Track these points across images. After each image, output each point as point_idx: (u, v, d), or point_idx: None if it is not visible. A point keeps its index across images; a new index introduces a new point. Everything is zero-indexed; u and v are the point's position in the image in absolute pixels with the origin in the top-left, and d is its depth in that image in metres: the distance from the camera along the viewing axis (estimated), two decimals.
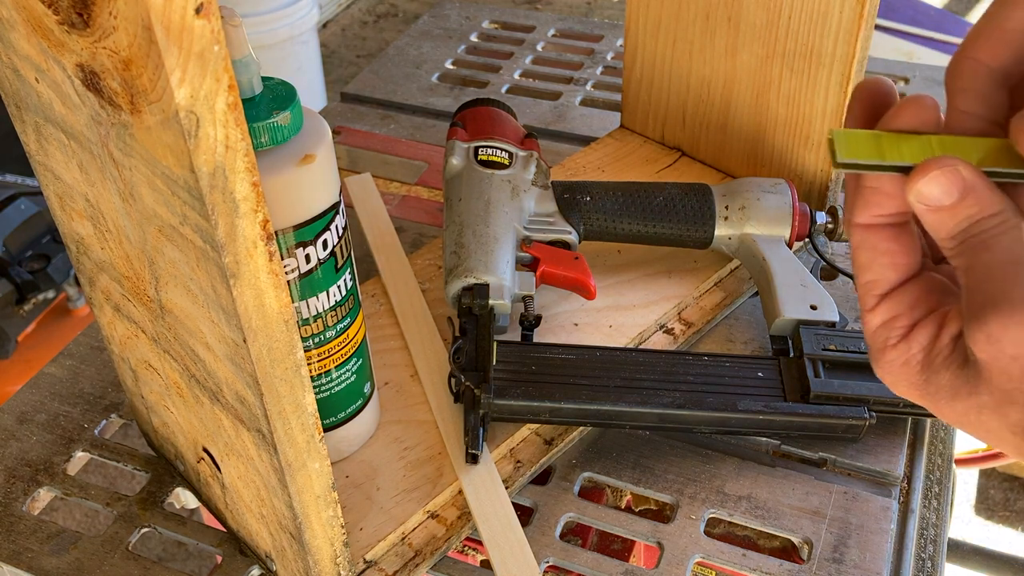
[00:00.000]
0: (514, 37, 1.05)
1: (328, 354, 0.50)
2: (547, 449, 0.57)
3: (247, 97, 0.42)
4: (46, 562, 0.52)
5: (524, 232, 0.63)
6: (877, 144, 0.34)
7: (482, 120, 0.68)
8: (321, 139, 0.44)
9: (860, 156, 0.34)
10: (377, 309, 0.65)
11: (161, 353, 0.45)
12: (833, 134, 0.34)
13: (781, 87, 0.68)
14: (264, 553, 0.51)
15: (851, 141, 0.34)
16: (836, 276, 0.70)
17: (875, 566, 0.52)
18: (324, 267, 0.46)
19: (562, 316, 0.64)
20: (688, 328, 0.65)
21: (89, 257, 0.46)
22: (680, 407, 0.55)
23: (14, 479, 0.57)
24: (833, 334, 0.58)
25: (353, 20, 2.81)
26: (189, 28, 0.28)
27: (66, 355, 0.66)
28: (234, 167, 0.32)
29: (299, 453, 0.40)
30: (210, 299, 0.36)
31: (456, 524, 0.53)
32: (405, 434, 0.57)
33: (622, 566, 0.52)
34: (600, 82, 0.96)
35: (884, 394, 0.55)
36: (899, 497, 0.56)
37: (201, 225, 0.33)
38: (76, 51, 0.32)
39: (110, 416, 0.61)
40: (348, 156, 0.86)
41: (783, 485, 0.56)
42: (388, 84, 0.96)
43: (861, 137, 0.34)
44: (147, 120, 0.31)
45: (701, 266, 0.68)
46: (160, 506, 0.55)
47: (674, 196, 0.65)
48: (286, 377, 0.38)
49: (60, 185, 0.44)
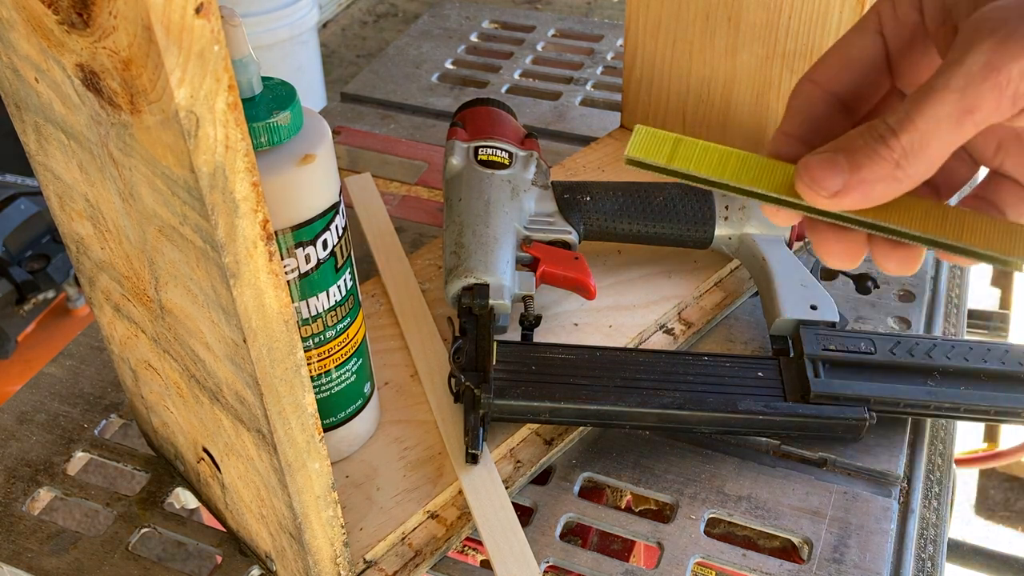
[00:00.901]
0: (514, 37, 1.05)
1: (328, 354, 0.50)
2: (547, 449, 0.57)
3: (247, 97, 0.42)
4: (46, 562, 0.52)
5: (524, 232, 0.63)
6: (673, 148, 0.34)
7: (482, 120, 0.68)
8: (321, 139, 0.44)
9: (649, 156, 0.34)
10: (377, 309, 0.65)
11: (161, 353, 0.45)
12: (636, 129, 0.35)
13: (781, 87, 0.68)
14: (264, 553, 0.51)
15: (648, 140, 0.35)
16: (836, 276, 0.70)
17: (875, 566, 0.52)
18: (324, 267, 0.46)
19: (562, 316, 0.64)
20: (688, 328, 0.65)
21: (89, 257, 0.46)
22: (680, 407, 0.55)
23: (14, 479, 0.57)
24: (833, 334, 0.58)
25: (353, 20, 2.81)
26: (189, 28, 0.28)
27: (66, 355, 0.66)
28: (234, 167, 0.32)
29: (299, 453, 0.40)
30: (210, 299, 0.36)
31: (456, 524, 0.53)
32: (405, 434, 0.57)
33: (622, 566, 0.52)
34: (600, 82, 0.96)
35: (884, 394, 0.55)
36: (899, 497, 0.56)
37: (201, 225, 0.33)
38: (76, 51, 0.32)
39: (110, 416, 0.61)
40: (348, 156, 0.86)
41: (783, 485, 0.56)
42: (388, 84, 0.96)
43: (660, 138, 0.34)
44: (147, 120, 0.31)
45: (701, 266, 0.68)
46: (160, 506, 0.55)
47: (674, 196, 0.65)
48: (286, 377, 0.38)
49: (60, 185, 0.44)
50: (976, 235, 0.32)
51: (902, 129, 0.28)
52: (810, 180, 0.30)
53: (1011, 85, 0.27)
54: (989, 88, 0.27)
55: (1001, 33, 0.27)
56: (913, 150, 0.28)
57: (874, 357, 0.57)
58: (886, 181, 0.29)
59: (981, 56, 0.27)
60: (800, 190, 0.31)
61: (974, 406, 0.56)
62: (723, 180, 0.34)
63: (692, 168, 0.34)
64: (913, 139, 0.28)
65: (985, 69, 0.27)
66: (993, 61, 0.27)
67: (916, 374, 0.57)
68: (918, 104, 0.28)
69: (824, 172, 0.30)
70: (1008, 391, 0.56)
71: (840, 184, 0.29)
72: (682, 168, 0.34)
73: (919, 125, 0.28)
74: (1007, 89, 0.27)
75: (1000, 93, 0.27)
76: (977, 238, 0.31)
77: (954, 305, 0.71)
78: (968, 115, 0.27)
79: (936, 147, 0.28)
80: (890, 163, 0.28)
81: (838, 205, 0.30)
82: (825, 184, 0.30)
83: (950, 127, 0.28)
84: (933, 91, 0.28)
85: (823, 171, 0.30)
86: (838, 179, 0.29)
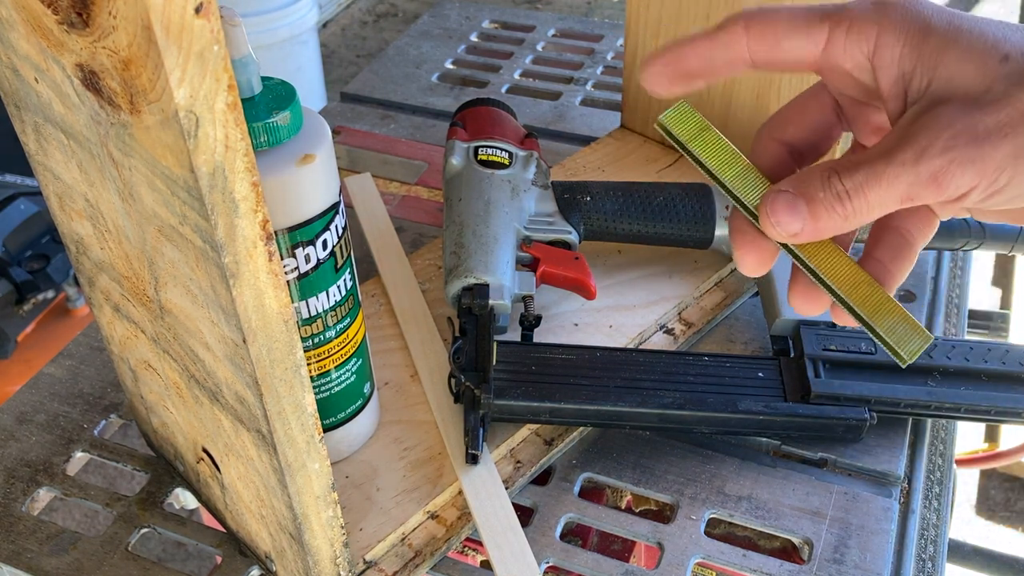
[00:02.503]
0: (514, 37, 1.05)
1: (328, 354, 0.50)
2: (547, 449, 0.57)
3: (247, 97, 0.42)
4: (46, 562, 0.52)
5: (524, 232, 0.63)
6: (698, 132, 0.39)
7: (482, 120, 0.68)
8: (321, 139, 0.44)
9: (675, 128, 0.39)
10: (377, 309, 0.65)
11: (161, 353, 0.45)
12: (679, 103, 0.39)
13: (781, 87, 0.68)
14: (264, 553, 0.50)
15: (683, 116, 0.39)
16: None
17: (876, 567, 0.52)
18: (324, 267, 0.46)
19: (562, 316, 0.64)
20: (688, 328, 0.65)
21: (89, 257, 0.46)
22: (680, 407, 0.55)
23: (14, 479, 0.57)
24: (833, 334, 0.58)
25: (353, 20, 2.81)
26: (189, 28, 0.28)
27: (66, 355, 0.66)
28: (234, 167, 0.31)
29: (299, 453, 0.40)
30: (210, 299, 0.36)
31: (456, 524, 0.53)
32: (405, 434, 0.57)
33: (622, 567, 0.52)
34: (600, 82, 0.96)
35: (884, 394, 0.55)
36: (900, 497, 0.56)
37: (201, 225, 0.33)
38: (75, 51, 0.32)
39: (110, 416, 0.61)
40: (348, 156, 0.86)
41: (783, 485, 0.56)
42: (388, 84, 0.96)
43: (693, 119, 0.39)
44: (147, 120, 0.31)
45: (701, 266, 0.68)
46: (160, 506, 0.55)
47: (674, 196, 0.65)
48: (286, 377, 0.38)
49: (60, 185, 0.44)
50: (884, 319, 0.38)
51: (856, 196, 0.35)
52: (775, 220, 0.36)
53: (948, 191, 0.34)
54: (931, 191, 0.34)
55: (950, 155, 0.33)
56: (860, 212, 0.35)
57: (874, 357, 0.57)
58: (834, 228, 0.36)
59: (929, 168, 0.33)
60: (764, 225, 0.37)
61: (974, 406, 0.56)
62: (722, 179, 0.38)
63: (703, 155, 0.39)
64: (863, 205, 0.35)
65: (931, 179, 0.34)
66: (939, 176, 0.34)
67: (916, 374, 0.57)
68: (871, 182, 0.35)
69: (788, 216, 0.36)
70: (1008, 391, 0.56)
71: (799, 228, 0.36)
72: (695, 151, 0.39)
73: (870, 198, 0.35)
74: (944, 193, 0.34)
75: (939, 194, 0.34)
76: (883, 322, 0.38)
77: (954, 305, 0.71)
78: (909, 200, 0.35)
79: (878, 213, 0.35)
80: (841, 217, 0.35)
81: (792, 241, 0.37)
82: (787, 227, 0.36)
83: (894, 205, 0.35)
84: (885, 177, 0.34)
85: (787, 215, 0.36)
86: (798, 223, 0.36)
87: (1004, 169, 0.33)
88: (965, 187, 0.34)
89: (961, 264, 0.75)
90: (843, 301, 0.38)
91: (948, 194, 0.34)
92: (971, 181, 0.34)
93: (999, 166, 0.33)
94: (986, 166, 0.33)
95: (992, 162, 0.33)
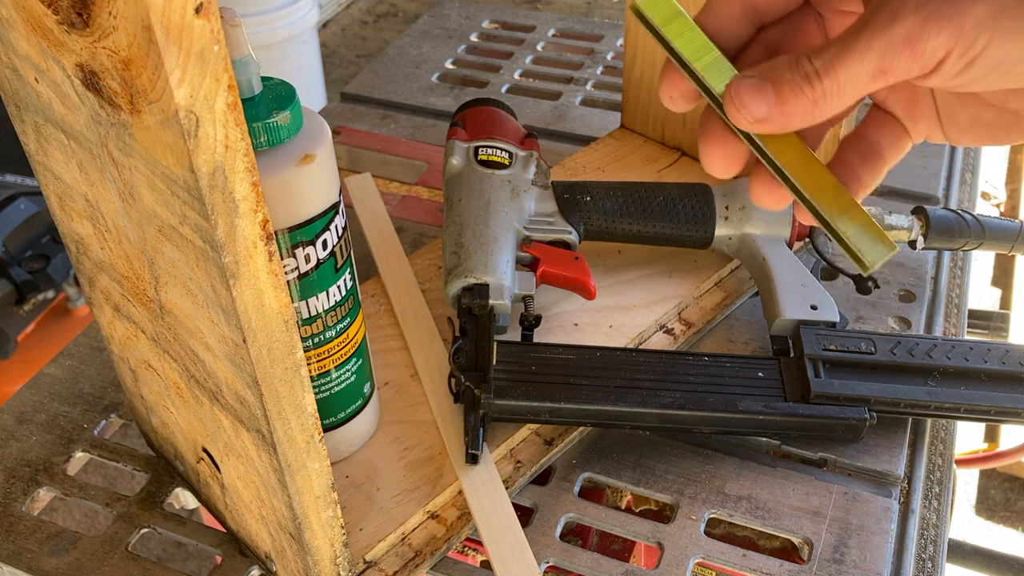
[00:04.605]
0: (514, 37, 1.05)
1: (328, 354, 0.50)
2: (547, 449, 0.57)
3: (247, 97, 0.42)
4: (46, 562, 0.52)
5: (524, 232, 0.63)
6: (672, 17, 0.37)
7: (482, 120, 0.68)
8: (321, 139, 0.44)
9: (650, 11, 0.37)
10: (377, 309, 0.65)
11: (161, 353, 0.45)
12: None
13: None
14: (264, 553, 0.50)
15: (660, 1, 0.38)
16: (836, 276, 0.70)
17: (875, 566, 0.52)
18: (324, 267, 0.46)
19: (562, 316, 0.64)
20: (688, 328, 0.65)
21: (89, 257, 0.46)
22: (680, 407, 0.55)
23: (14, 479, 0.57)
24: (833, 334, 0.58)
25: (353, 20, 2.81)
26: (189, 28, 0.28)
27: (66, 355, 0.66)
28: (234, 167, 0.32)
29: (299, 453, 0.40)
30: (210, 299, 0.36)
31: (456, 524, 0.53)
32: (405, 434, 0.57)
33: (622, 566, 0.52)
34: (600, 82, 0.96)
35: (884, 394, 0.55)
36: (899, 497, 0.56)
37: (201, 225, 0.33)
38: (76, 51, 0.32)
39: (110, 416, 0.61)
40: (348, 156, 0.86)
41: (783, 485, 0.56)
42: (388, 84, 0.96)
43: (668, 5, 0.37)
44: (147, 120, 0.31)
45: (701, 266, 0.68)
46: (160, 506, 0.55)
47: (674, 196, 0.65)
48: (286, 377, 0.38)
49: (60, 185, 0.44)
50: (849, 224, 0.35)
51: (825, 74, 0.32)
52: (740, 104, 0.34)
53: (923, 56, 0.31)
54: (905, 57, 0.31)
55: (924, 12, 0.31)
56: (831, 94, 0.33)
57: (874, 357, 0.57)
58: (803, 114, 0.33)
59: (903, 28, 0.31)
60: (729, 112, 0.34)
61: (974, 406, 0.56)
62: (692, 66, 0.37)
63: (675, 42, 0.37)
64: (833, 85, 0.32)
65: (905, 41, 0.31)
66: (913, 35, 0.31)
67: (916, 374, 0.57)
68: (842, 56, 0.32)
69: (753, 100, 0.33)
70: (1008, 391, 0.56)
71: (765, 112, 0.33)
72: (668, 36, 0.37)
73: (839, 75, 0.32)
74: (919, 60, 0.32)
75: (913, 62, 0.32)
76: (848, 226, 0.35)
77: (954, 305, 0.71)
78: (882, 75, 0.32)
79: (850, 94, 0.33)
80: (810, 101, 0.33)
81: (758, 129, 0.34)
82: (752, 110, 0.34)
83: (866, 81, 0.32)
84: (856, 49, 0.32)
85: (752, 99, 0.34)
86: (764, 107, 0.33)
87: (982, 28, 0.31)
88: (941, 51, 0.31)
89: (961, 264, 0.75)
90: (806, 201, 0.36)
91: (923, 61, 0.32)
92: (947, 43, 0.31)
93: (977, 23, 0.31)
94: (963, 22, 0.31)
95: (969, 18, 0.31)
